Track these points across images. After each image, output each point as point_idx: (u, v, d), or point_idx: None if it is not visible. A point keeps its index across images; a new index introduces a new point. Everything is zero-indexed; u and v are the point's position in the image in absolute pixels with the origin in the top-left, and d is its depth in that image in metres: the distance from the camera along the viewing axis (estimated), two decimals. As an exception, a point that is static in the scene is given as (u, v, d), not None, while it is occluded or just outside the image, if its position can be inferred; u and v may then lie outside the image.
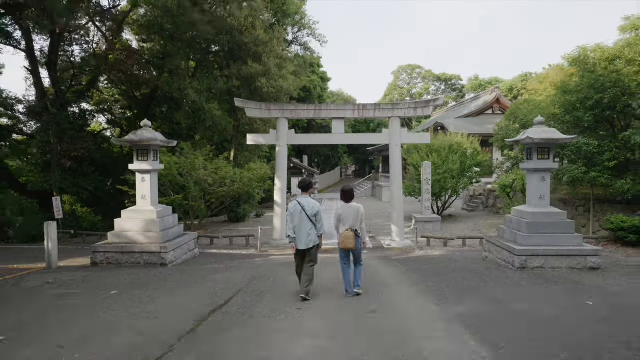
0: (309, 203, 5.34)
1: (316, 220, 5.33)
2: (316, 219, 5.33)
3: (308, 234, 5.26)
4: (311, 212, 5.28)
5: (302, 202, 5.33)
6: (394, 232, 11.46)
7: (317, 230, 5.36)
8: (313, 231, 5.30)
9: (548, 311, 4.80)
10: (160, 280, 6.66)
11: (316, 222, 5.33)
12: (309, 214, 5.27)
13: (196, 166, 12.19)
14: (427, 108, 11.28)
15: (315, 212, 5.33)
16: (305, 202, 5.33)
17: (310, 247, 5.29)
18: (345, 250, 5.46)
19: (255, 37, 14.62)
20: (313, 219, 5.29)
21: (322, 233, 5.50)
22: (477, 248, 10.71)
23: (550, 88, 18.41)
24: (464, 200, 20.79)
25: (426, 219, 13.71)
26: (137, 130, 8.49)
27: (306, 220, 5.26)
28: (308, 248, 5.28)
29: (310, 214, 5.28)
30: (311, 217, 5.28)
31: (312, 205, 5.35)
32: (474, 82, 39.98)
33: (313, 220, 5.29)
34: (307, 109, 11.45)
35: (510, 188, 12.63)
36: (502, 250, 8.19)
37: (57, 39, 16.45)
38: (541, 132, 7.89)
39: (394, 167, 11.46)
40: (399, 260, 9.04)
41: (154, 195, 8.71)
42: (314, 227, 5.31)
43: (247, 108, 11.44)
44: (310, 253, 5.36)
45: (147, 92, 19.97)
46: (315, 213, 5.32)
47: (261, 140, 11.74)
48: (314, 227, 5.31)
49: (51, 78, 16.99)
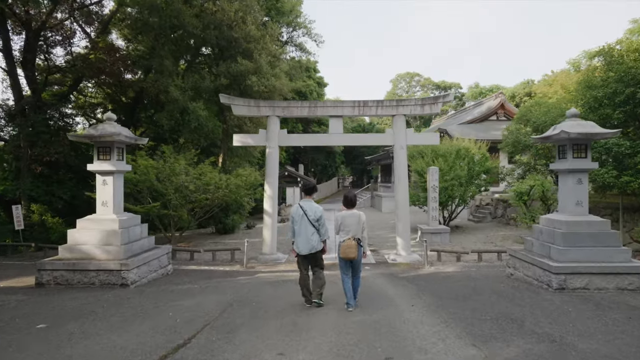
0: (311, 207, 5.19)
1: (319, 224, 5.15)
2: (319, 224, 5.15)
3: (309, 239, 5.10)
4: (313, 216, 5.12)
5: (305, 206, 5.19)
6: (399, 245, 10.11)
7: (320, 235, 5.18)
8: (315, 236, 5.13)
9: (628, 352, 3.47)
10: (111, 307, 5.27)
11: (319, 226, 5.16)
12: (311, 219, 5.11)
13: (176, 171, 10.84)
14: (435, 105, 10.06)
15: (318, 217, 5.15)
16: (308, 206, 5.18)
17: (313, 253, 5.13)
18: (345, 260, 5.17)
19: (246, 33, 13.46)
20: (315, 223, 5.12)
21: (326, 239, 5.28)
22: (495, 263, 9.37)
23: (560, 90, 17.39)
24: (469, 211, 19.50)
25: (433, 230, 12.38)
26: (99, 124, 7.18)
27: (308, 224, 5.10)
28: (311, 253, 5.12)
29: (313, 219, 5.11)
30: (313, 221, 5.11)
31: (315, 209, 5.19)
32: (474, 89, 39.06)
33: (315, 225, 5.13)
34: (301, 106, 10.18)
35: (527, 195, 11.36)
36: (532, 266, 6.85)
37: (32, 35, 15.27)
38: (577, 125, 6.64)
39: (398, 171, 10.18)
40: (408, 278, 7.67)
41: (118, 201, 7.34)
42: (316, 232, 5.14)
43: (234, 105, 10.18)
44: (315, 259, 5.22)
45: (133, 95, 18.80)
46: (317, 217, 5.14)
47: (249, 141, 10.43)
48: (316, 232, 5.14)
49: (27, 78, 15.83)
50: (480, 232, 14.84)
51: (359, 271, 5.34)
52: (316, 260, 5.23)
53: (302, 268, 5.24)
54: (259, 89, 12.92)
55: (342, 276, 5.28)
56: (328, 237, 5.36)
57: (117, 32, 18.57)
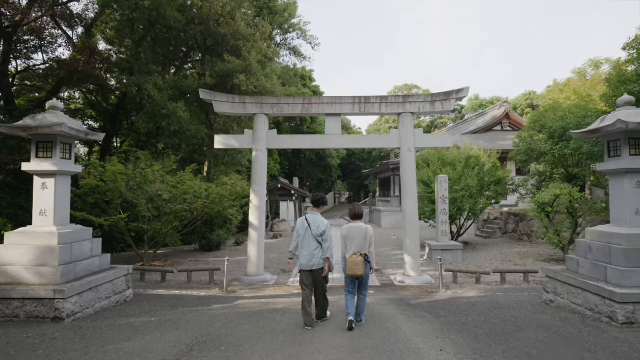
0: (316, 220, 4.93)
1: (322, 240, 4.85)
2: (322, 239, 4.85)
3: (312, 255, 4.83)
4: (317, 230, 4.86)
5: (310, 219, 4.97)
6: (407, 264, 8.63)
7: (322, 251, 4.85)
8: (318, 252, 4.85)
9: None
10: (20, 355, 3.75)
11: (322, 242, 4.85)
12: (314, 233, 4.85)
13: (149, 178, 9.38)
14: (447, 102, 8.76)
15: (322, 232, 4.85)
16: (313, 220, 4.94)
17: (314, 270, 4.84)
18: (352, 278, 4.83)
19: (234, 29, 12.23)
20: (319, 238, 4.84)
21: (329, 256, 4.88)
22: (522, 286, 7.91)
23: (573, 96, 16.25)
24: (476, 226, 18.09)
25: (443, 246, 10.90)
26: (38, 114, 5.77)
27: (311, 239, 4.86)
28: (313, 270, 4.84)
29: (316, 233, 4.85)
30: (316, 236, 4.84)
31: (319, 223, 4.91)
32: (475, 101, 38.13)
33: (319, 239, 4.84)
34: (293, 103, 8.84)
35: (551, 207, 9.97)
36: (582, 292, 5.42)
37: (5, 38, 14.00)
38: (635, 115, 5.33)
39: (406, 179, 8.79)
40: (423, 306, 6.19)
41: (62, 210, 5.87)
42: (319, 247, 4.85)
43: (216, 102, 8.83)
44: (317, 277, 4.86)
45: (116, 102, 17.50)
46: (321, 232, 4.85)
47: (233, 142, 9.02)
48: (319, 247, 4.85)
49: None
50: (491, 248, 13.39)
51: (365, 289, 4.95)
52: (318, 282, 4.86)
53: (305, 285, 4.89)
54: (247, 88, 11.60)
55: (346, 294, 4.92)
56: (331, 255, 4.92)
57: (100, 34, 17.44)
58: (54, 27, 16.09)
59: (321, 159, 33.99)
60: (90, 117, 18.37)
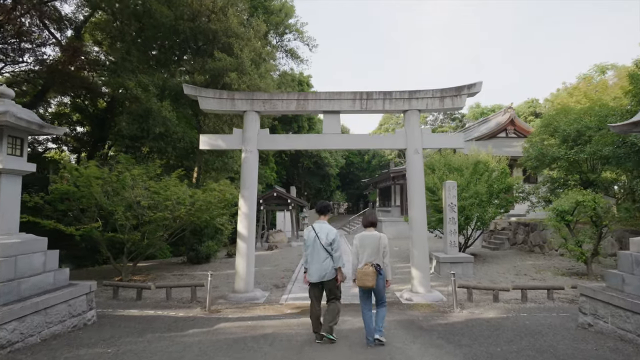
0: (323, 229, 4.69)
1: (332, 249, 4.59)
2: (332, 248, 4.60)
3: (322, 265, 4.56)
4: (326, 239, 4.60)
5: (317, 228, 4.72)
6: (415, 279, 7.65)
7: (333, 261, 4.58)
8: (328, 262, 4.58)
9: None
10: None
11: (332, 251, 4.59)
12: (323, 242, 4.60)
13: (127, 183, 8.43)
14: (458, 98, 7.90)
15: (331, 240, 4.61)
16: (320, 229, 4.70)
17: (326, 281, 4.57)
18: (364, 290, 4.53)
19: (226, 26, 11.44)
20: (328, 247, 4.58)
21: (340, 266, 4.62)
22: (546, 304, 6.94)
23: (584, 99, 15.49)
24: (482, 237, 17.13)
25: (452, 259, 9.94)
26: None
27: (320, 249, 4.59)
28: (322, 281, 4.58)
29: (325, 242, 4.59)
30: (326, 245, 4.59)
31: (328, 231, 4.67)
32: (476, 109, 37.41)
33: (328, 249, 4.58)
34: (287, 99, 7.97)
35: (572, 215, 9.05)
36: (633, 315, 4.48)
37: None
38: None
39: (413, 184, 7.86)
40: (439, 330, 5.21)
41: (8, 216, 4.93)
42: (329, 257, 4.59)
43: (201, 97, 7.95)
44: (330, 288, 4.63)
45: (104, 106, 16.67)
46: (330, 241, 4.60)
47: (220, 143, 8.11)
48: (329, 257, 4.59)
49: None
50: (502, 261, 12.42)
51: (381, 301, 4.63)
52: (330, 290, 4.65)
53: (312, 296, 4.73)
54: (239, 87, 10.75)
55: (361, 307, 4.66)
56: (343, 264, 4.66)
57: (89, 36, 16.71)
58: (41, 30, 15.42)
59: (319, 167, 33.11)
60: (77, 121, 17.53)
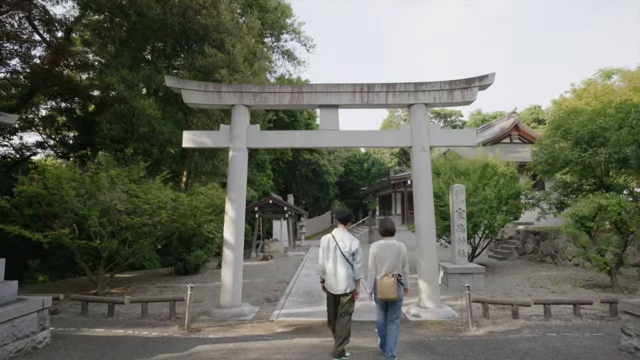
0: (344, 238, 4.48)
1: (354, 260, 4.40)
2: (354, 259, 4.39)
3: (344, 276, 4.36)
4: (348, 249, 4.39)
5: (337, 236, 4.51)
6: (423, 292, 6.79)
7: (354, 272, 4.38)
8: (350, 272, 4.38)
9: None
10: None
11: (354, 262, 4.39)
12: (345, 252, 4.39)
13: (103, 184, 7.62)
14: (468, 91, 7.15)
15: (354, 250, 4.39)
16: (340, 237, 4.49)
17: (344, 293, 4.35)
18: (383, 302, 4.40)
19: (217, 21, 10.78)
20: (350, 257, 4.39)
21: (360, 277, 4.45)
22: (572, 321, 6.09)
23: (594, 101, 14.83)
24: (489, 246, 16.28)
25: (462, 269, 9.09)
26: None
27: (341, 258, 4.39)
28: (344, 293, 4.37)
29: (347, 252, 4.38)
30: (347, 255, 4.38)
31: (350, 240, 4.46)
32: (477, 116, 36.85)
33: (349, 259, 4.39)
34: (279, 92, 7.20)
35: (593, 221, 8.24)
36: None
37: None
38: None
39: (419, 185, 7.06)
40: (455, 355, 4.37)
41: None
42: (351, 267, 4.38)
43: (185, 90, 7.19)
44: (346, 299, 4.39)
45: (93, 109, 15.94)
46: (353, 251, 4.39)
47: (206, 140, 7.32)
48: (351, 267, 4.38)
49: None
50: (513, 272, 11.57)
51: (397, 315, 4.43)
52: (346, 304, 4.42)
53: (331, 307, 4.54)
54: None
55: (378, 320, 4.58)
56: (362, 276, 4.58)
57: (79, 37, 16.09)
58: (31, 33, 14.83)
59: (317, 175, 32.36)
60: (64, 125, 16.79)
